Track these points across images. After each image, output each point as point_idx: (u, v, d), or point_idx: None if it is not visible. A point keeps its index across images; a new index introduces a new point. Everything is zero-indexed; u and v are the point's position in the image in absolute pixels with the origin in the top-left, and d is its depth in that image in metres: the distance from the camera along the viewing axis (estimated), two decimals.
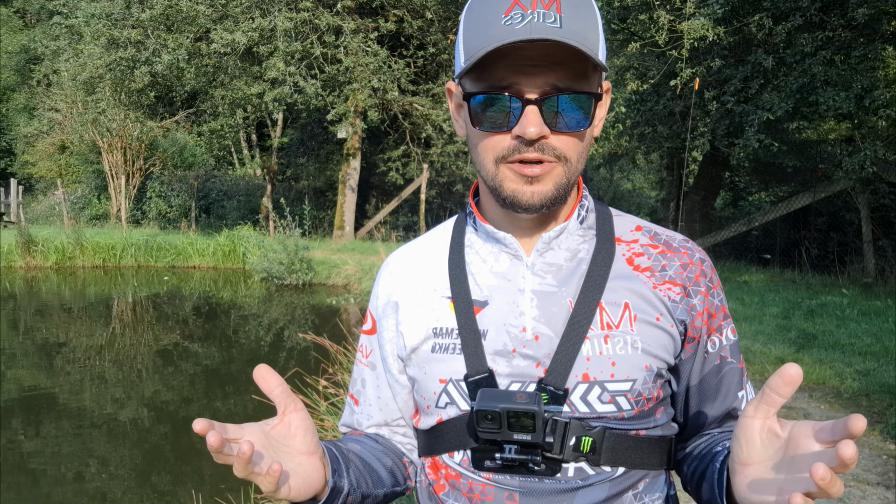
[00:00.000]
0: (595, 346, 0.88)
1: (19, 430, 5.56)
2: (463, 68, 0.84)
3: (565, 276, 0.92)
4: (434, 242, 1.03)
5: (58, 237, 15.46)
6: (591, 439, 0.87)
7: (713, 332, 0.94)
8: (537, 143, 0.84)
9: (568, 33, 0.79)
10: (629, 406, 0.89)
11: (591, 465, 0.88)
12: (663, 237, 0.96)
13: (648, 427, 0.91)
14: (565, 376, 0.87)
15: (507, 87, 0.83)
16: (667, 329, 0.91)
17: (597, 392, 0.88)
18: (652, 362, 0.90)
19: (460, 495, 0.93)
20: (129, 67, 15.08)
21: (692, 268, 0.93)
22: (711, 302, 0.94)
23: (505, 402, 0.84)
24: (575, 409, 0.87)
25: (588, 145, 0.89)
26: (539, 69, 0.82)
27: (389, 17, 15.71)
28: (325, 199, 20.64)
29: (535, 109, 0.82)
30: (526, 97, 0.82)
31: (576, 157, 0.87)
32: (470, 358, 0.91)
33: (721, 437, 0.93)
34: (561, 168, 0.86)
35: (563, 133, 0.84)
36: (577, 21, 0.80)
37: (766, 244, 13.44)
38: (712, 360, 0.95)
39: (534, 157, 0.84)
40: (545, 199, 0.86)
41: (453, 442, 0.93)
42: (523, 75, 0.82)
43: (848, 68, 9.24)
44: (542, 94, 0.82)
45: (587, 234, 0.95)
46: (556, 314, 0.90)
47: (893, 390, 4.75)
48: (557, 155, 0.85)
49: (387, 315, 1.01)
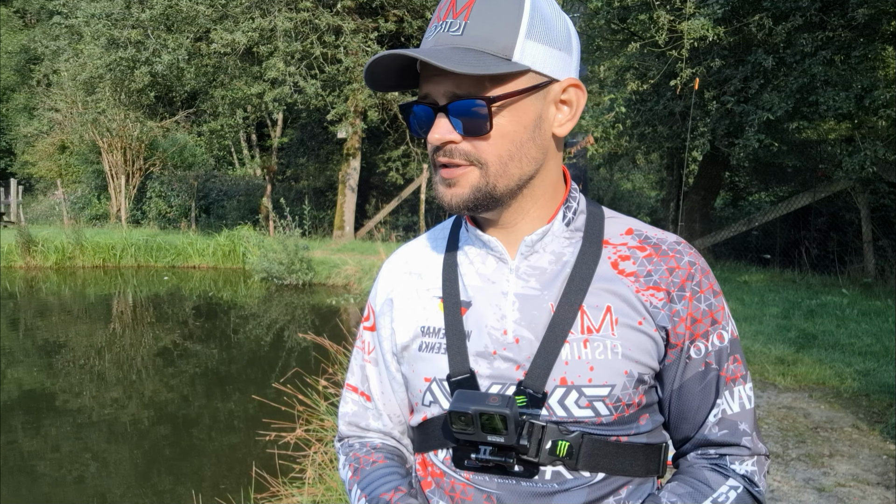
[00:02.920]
0: (574, 351, 0.88)
1: (19, 430, 5.56)
2: None
3: (549, 280, 0.92)
4: (433, 242, 1.04)
5: (58, 237, 15.45)
6: (568, 444, 0.87)
7: (698, 338, 0.92)
8: (444, 149, 0.87)
9: (468, 40, 0.83)
10: (607, 412, 0.88)
11: (568, 470, 0.88)
12: (654, 240, 0.94)
13: (630, 434, 0.91)
14: (544, 380, 0.87)
15: (425, 97, 0.88)
16: (650, 333, 0.90)
17: (574, 396, 0.87)
18: (633, 367, 0.88)
19: (444, 494, 0.94)
20: (129, 67, 15.08)
21: (679, 272, 0.91)
22: (697, 307, 0.91)
23: (477, 403, 0.85)
24: (553, 413, 0.88)
25: (524, 147, 0.87)
26: (442, 77, 0.85)
27: (389, 17, 15.71)
28: (325, 199, 20.63)
29: (441, 116, 0.86)
30: (435, 105, 0.86)
31: (495, 160, 0.86)
32: (453, 358, 0.92)
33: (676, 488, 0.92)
34: (477, 172, 0.87)
35: (473, 138, 0.86)
36: (483, 25, 0.84)
37: (766, 244, 13.43)
38: (696, 366, 0.93)
39: (443, 161, 0.88)
40: (463, 202, 0.88)
41: (437, 440, 0.95)
42: (432, 84, 0.87)
43: (848, 68, 9.23)
44: (447, 102, 0.86)
45: (574, 237, 0.94)
46: (537, 317, 0.90)
47: (893, 390, 4.75)
48: (470, 159, 0.86)
49: (384, 313, 1.03)
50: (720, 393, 0.94)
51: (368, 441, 1.08)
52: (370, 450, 1.05)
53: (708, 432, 0.94)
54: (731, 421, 0.93)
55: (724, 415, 0.94)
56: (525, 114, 0.87)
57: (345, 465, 1.06)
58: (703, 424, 0.94)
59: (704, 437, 0.95)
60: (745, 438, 0.94)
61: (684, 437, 0.97)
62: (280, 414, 3.94)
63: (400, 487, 0.96)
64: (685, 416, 0.95)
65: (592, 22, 10.37)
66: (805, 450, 3.88)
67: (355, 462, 1.04)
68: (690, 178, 13.55)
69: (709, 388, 0.94)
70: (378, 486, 0.97)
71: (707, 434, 0.94)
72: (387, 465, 1.01)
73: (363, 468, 1.02)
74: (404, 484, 0.98)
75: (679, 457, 0.99)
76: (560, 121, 0.91)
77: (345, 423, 1.10)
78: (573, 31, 0.92)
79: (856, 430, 4.18)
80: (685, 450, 0.98)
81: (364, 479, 1.00)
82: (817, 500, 3.27)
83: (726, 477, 0.92)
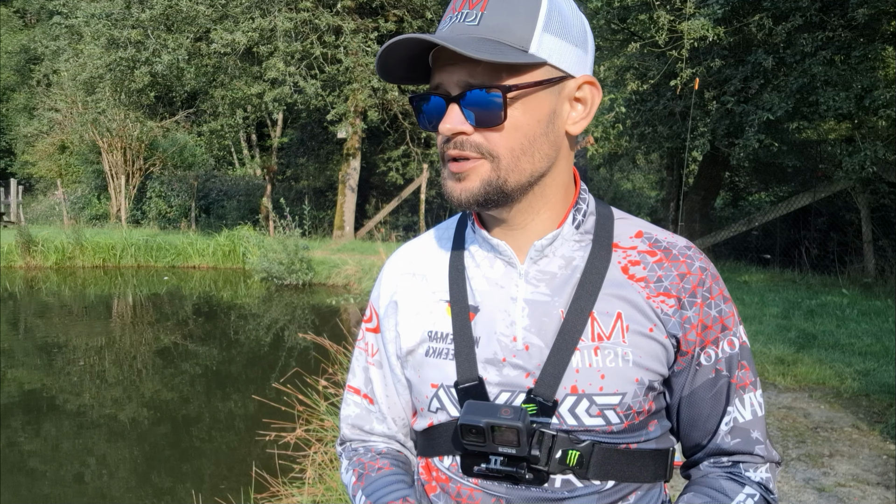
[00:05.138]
0: (585, 358, 0.86)
1: (19, 430, 5.56)
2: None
3: (559, 285, 0.90)
4: (437, 243, 1.02)
5: (58, 237, 15.45)
6: (578, 453, 0.86)
7: (708, 345, 0.91)
8: (456, 140, 0.84)
9: (484, 30, 0.81)
10: (618, 420, 0.87)
11: (578, 479, 0.87)
12: (664, 244, 0.93)
13: (640, 441, 0.90)
14: (554, 388, 0.86)
15: (437, 87, 0.85)
16: (660, 340, 0.88)
17: (585, 405, 0.86)
18: (643, 375, 0.87)
19: (449, 499, 0.92)
20: (129, 67, 15.09)
21: (690, 278, 0.90)
22: (707, 313, 0.90)
23: (489, 416, 0.83)
24: (563, 422, 0.86)
25: (534, 140, 0.85)
26: (455, 67, 0.83)
27: (389, 17, 15.71)
28: (325, 199, 20.63)
29: (453, 106, 0.83)
30: (448, 95, 0.84)
31: (507, 152, 0.84)
32: (461, 365, 0.90)
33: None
34: (488, 165, 0.84)
35: (485, 129, 0.84)
36: (500, 16, 0.81)
37: (766, 244, 13.44)
38: (706, 373, 0.92)
39: (454, 154, 0.85)
40: (473, 197, 0.85)
41: (443, 447, 0.93)
42: (445, 74, 0.84)
43: (848, 68, 9.22)
44: (460, 92, 0.83)
45: (584, 240, 0.92)
46: (547, 324, 0.88)
47: (893, 390, 4.75)
48: (481, 151, 0.84)
49: (388, 315, 1.00)
50: (731, 400, 0.93)
51: (373, 445, 1.06)
52: (375, 455, 1.04)
53: (721, 441, 0.93)
54: (743, 429, 0.93)
55: (735, 423, 0.93)
56: (539, 108, 0.85)
57: (348, 470, 1.03)
58: (715, 433, 0.93)
59: (717, 445, 0.94)
60: (759, 447, 0.93)
61: (695, 445, 0.96)
62: (280, 414, 3.94)
63: (408, 498, 0.95)
64: (695, 423, 0.94)
65: (592, 22, 10.36)
66: (805, 450, 3.88)
67: (360, 468, 1.01)
68: (690, 178, 13.56)
69: (719, 395, 0.93)
70: (384, 495, 0.95)
71: (720, 443, 0.93)
72: (393, 473, 1.00)
73: (368, 474, 1.00)
74: (411, 494, 0.96)
75: (691, 465, 0.98)
76: (574, 118, 0.89)
77: (348, 426, 1.08)
78: (589, 30, 0.90)
79: (856, 430, 4.18)
80: (697, 458, 0.97)
81: (369, 486, 0.98)
82: (817, 500, 3.27)
83: (742, 485, 0.91)
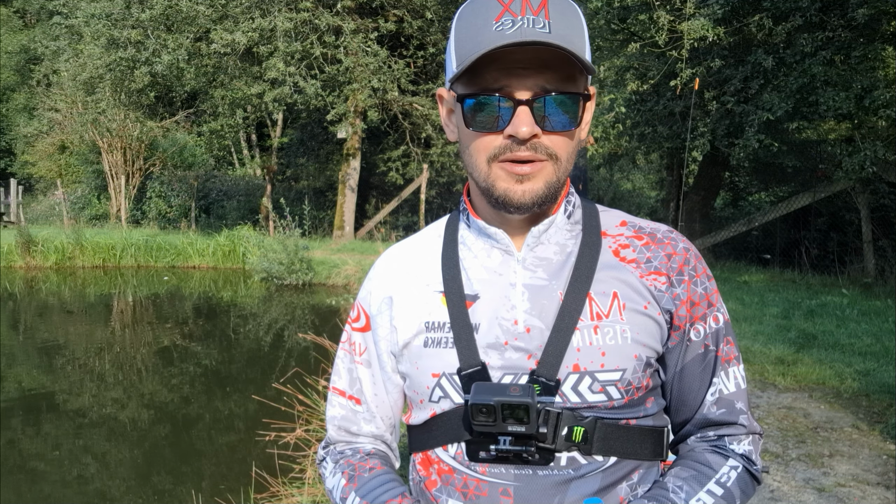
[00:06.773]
0: (585, 337, 0.90)
1: (19, 430, 5.56)
2: (456, 73, 0.87)
3: (555, 270, 0.94)
4: (427, 239, 1.05)
5: (58, 237, 15.45)
6: (583, 429, 0.89)
7: (697, 321, 0.96)
8: (529, 143, 0.87)
9: (556, 38, 0.83)
10: (619, 395, 0.91)
11: (582, 455, 0.90)
12: (648, 229, 0.99)
13: (638, 416, 0.94)
14: (557, 367, 0.89)
15: (498, 90, 0.86)
16: (654, 317, 0.93)
17: (587, 382, 0.90)
18: (641, 351, 0.92)
19: (454, 491, 0.93)
20: (129, 67, 15.07)
21: (676, 258, 0.96)
22: (694, 290, 0.96)
23: (499, 395, 0.86)
24: (567, 400, 0.90)
25: (576, 146, 0.93)
26: (529, 72, 0.85)
27: (389, 17, 15.70)
28: (325, 199, 20.62)
29: (526, 110, 0.86)
30: (517, 98, 0.86)
31: (565, 156, 0.90)
32: (462, 351, 0.92)
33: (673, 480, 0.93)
34: (552, 167, 0.89)
35: (553, 133, 0.88)
36: (564, 27, 0.85)
37: (766, 244, 13.44)
38: (696, 348, 0.97)
39: (526, 156, 0.88)
40: (536, 198, 0.89)
41: (448, 435, 0.94)
42: (514, 77, 0.86)
43: (848, 68, 9.23)
44: (532, 96, 0.85)
45: (574, 229, 0.98)
46: (546, 307, 0.92)
47: (893, 390, 4.75)
48: (549, 154, 0.88)
49: (381, 312, 1.02)
50: (716, 373, 0.98)
51: (360, 447, 1.06)
52: (364, 456, 1.04)
53: (707, 411, 0.98)
54: (728, 400, 0.97)
55: (721, 394, 0.97)
56: (587, 114, 0.92)
57: (335, 473, 1.03)
58: (701, 404, 0.98)
59: (704, 416, 0.98)
60: (742, 417, 0.97)
61: (684, 420, 1.00)
62: (280, 414, 3.94)
63: (405, 494, 0.96)
64: (685, 398, 0.99)
65: (592, 22, 10.36)
66: (805, 450, 3.88)
67: (349, 469, 1.01)
68: (690, 178, 13.56)
69: (707, 368, 0.97)
70: (381, 494, 0.96)
71: (706, 413, 0.98)
72: (385, 472, 1.01)
73: (360, 475, 1.00)
74: (407, 491, 0.97)
75: (679, 441, 1.02)
76: (586, 121, 0.95)
77: (334, 427, 1.07)
78: None
79: (856, 430, 4.18)
80: (686, 431, 1.01)
81: (363, 486, 0.98)
82: (817, 500, 3.27)
83: (726, 457, 0.95)
